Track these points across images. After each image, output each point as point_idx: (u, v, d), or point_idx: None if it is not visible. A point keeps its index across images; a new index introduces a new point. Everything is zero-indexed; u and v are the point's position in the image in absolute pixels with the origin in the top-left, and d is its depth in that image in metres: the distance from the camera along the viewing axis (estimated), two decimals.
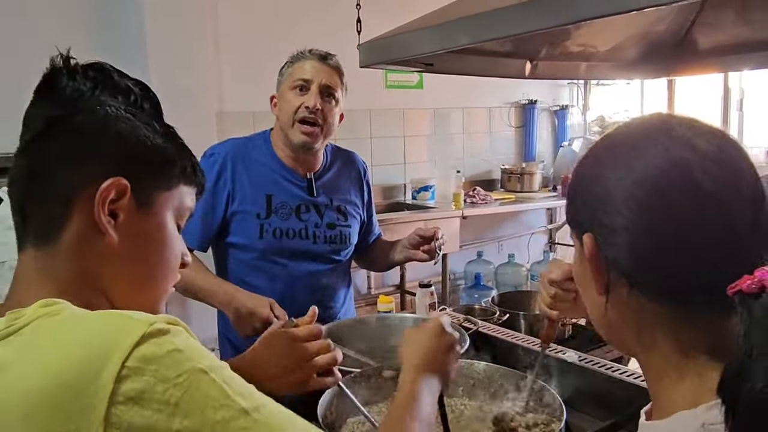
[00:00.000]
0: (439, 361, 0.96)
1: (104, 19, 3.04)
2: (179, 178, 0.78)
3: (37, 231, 0.72)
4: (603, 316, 0.68)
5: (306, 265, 1.72)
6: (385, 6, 2.96)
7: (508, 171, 4.59)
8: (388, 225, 3.31)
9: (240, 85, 3.40)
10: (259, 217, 1.68)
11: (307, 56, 1.69)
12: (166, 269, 0.78)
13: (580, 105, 5.23)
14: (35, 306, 0.65)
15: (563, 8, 1.16)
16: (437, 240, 1.70)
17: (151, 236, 0.76)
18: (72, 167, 0.71)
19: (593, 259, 0.65)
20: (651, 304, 0.63)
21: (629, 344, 0.69)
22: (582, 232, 0.67)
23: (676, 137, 0.63)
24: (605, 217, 0.64)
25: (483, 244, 4.44)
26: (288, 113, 1.66)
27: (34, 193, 0.72)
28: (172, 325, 0.62)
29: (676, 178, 0.61)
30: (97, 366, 0.57)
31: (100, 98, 0.75)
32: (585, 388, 1.36)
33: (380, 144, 4.17)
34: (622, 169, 0.64)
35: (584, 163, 0.70)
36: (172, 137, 0.80)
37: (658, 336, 0.64)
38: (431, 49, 1.54)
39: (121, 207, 0.72)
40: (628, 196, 0.62)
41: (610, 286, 0.65)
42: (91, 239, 0.71)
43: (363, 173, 1.89)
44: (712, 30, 2.03)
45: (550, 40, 1.92)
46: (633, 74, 2.47)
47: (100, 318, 0.64)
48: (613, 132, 0.71)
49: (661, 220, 0.61)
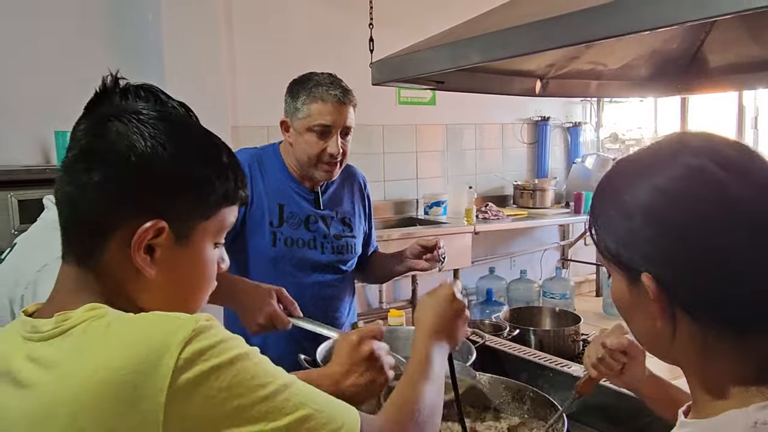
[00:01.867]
0: (449, 326, 1.01)
1: (123, 35, 3.11)
2: (220, 204, 0.78)
3: (77, 253, 0.74)
4: (661, 346, 0.68)
5: (314, 276, 1.74)
6: (397, 25, 3.01)
7: (521, 187, 4.60)
8: (399, 240, 3.33)
9: (254, 100, 3.46)
10: (272, 225, 1.71)
11: (326, 97, 1.64)
12: (199, 293, 0.81)
13: (593, 122, 5.24)
14: (82, 309, 0.69)
15: (573, 28, 1.18)
16: (439, 249, 1.72)
17: (188, 268, 0.77)
18: (112, 202, 0.71)
19: (658, 299, 0.64)
20: (714, 331, 0.63)
21: (684, 365, 0.69)
22: (634, 270, 0.66)
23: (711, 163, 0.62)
24: (658, 252, 0.63)
25: (495, 260, 4.44)
26: (309, 155, 1.68)
27: (74, 220, 0.74)
28: (210, 321, 0.68)
29: (723, 210, 0.61)
30: (154, 360, 0.62)
31: (132, 122, 0.74)
32: (590, 402, 1.37)
33: (393, 159, 4.20)
34: (670, 206, 0.63)
35: (620, 199, 0.67)
36: (213, 159, 0.78)
37: (720, 360, 0.64)
38: (443, 68, 1.56)
39: (158, 243, 0.73)
40: (679, 227, 0.62)
41: (676, 321, 0.65)
42: (128, 270, 0.73)
43: (363, 186, 1.93)
44: (723, 49, 2.04)
45: (561, 59, 1.95)
46: (644, 92, 2.49)
47: (150, 318, 0.68)
48: (644, 157, 0.69)
49: (713, 247, 0.61)
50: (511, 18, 1.43)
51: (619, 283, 0.69)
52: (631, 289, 0.67)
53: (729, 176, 0.61)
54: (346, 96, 1.66)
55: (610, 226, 0.68)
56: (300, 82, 1.70)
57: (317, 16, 3.72)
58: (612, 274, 0.71)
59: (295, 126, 1.69)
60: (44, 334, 0.69)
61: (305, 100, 1.66)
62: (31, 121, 2.89)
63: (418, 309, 1.03)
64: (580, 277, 5.09)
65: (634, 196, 0.65)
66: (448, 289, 1.04)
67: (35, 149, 2.94)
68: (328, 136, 1.66)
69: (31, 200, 2.49)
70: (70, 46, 2.98)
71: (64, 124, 3.01)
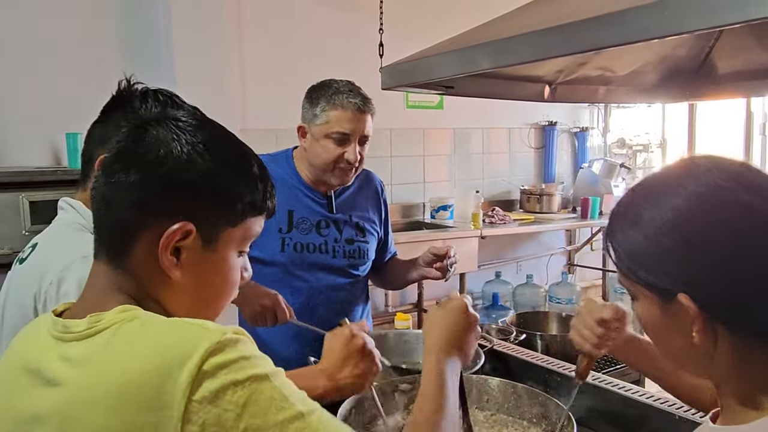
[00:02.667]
0: (461, 340, 0.98)
1: (134, 38, 3.14)
2: (247, 213, 0.80)
3: (109, 251, 0.76)
4: (693, 360, 0.69)
5: (326, 279, 1.75)
6: (407, 30, 3.02)
7: (528, 192, 4.60)
8: (406, 244, 3.34)
9: (264, 104, 3.48)
10: (281, 231, 1.72)
11: (346, 105, 1.64)
12: (222, 298, 0.82)
13: (600, 127, 5.24)
14: (114, 311, 0.70)
15: (582, 35, 1.19)
16: (449, 258, 1.73)
17: (213, 272, 0.79)
18: (142, 206, 0.74)
19: (699, 318, 0.65)
20: (751, 343, 0.65)
21: (714, 376, 0.70)
22: (669, 292, 0.67)
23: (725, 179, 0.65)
24: (694, 273, 0.65)
25: (501, 265, 4.44)
26: (326, 161, 1.68)
27: (106, 217, 0.76)
28: (239, 335, 0.69)
29: (749, 226, 0.64)
30: (177, 367, 0.63)
31: (171, 129, 0.76)
32: (599, 408, 1.37)
33: (400, 163, 4.22)
34: (697, 227, 0.65)
35: (644, 223, 0.69)
36: (242, 169, 0.80)
37: (758, 370, 0.66)
38: (452, 73, 1.58)
39: (185, 246, 0.75)
40: (713, 248, 0.64)
41: (717, 337, 0.66)
42: (154, 270, 0.75)
43: (380, 191, 1.93)
44: (732, 56, 2.04)
45: (570, 65, 1.96)
46: (652, 98, 2.49)
47: (178, 325, 0.69)
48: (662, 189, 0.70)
49: (746, 264, 0.63)
50: (520, 25, 1.44)
51: (650, 305, 0.70)
52: (665, 309, 0.68)
53: (749, 193, 0.64)
54: (366, 104, 1.67)
55: (637, 250, 0.69)
56: (319, 88, 1.70)
57: (327, 20, 3.74)
58: (639, 297, 0.72)
59: (312, 132, 1.69)
60: (77, 335, 0.71)
61: (325, 107, 1.66)
62: (42, 123, 2.92)
63: (428, 320, 1.01)
64: (587, 282, 5.08)
65: (659, 219, 0.67)
66: (460, 301, 1.01)
67: (47, 151, 2.97)
68: (346, 143, 1.66)
69: (43, 201, 2.51)
70: (82, 50, 3.01)
71: (76, 126, 3.07)
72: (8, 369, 0.76)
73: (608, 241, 0.73)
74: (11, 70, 2.85)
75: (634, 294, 0.73)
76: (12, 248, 2.46)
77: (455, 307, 1.00)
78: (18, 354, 0.77)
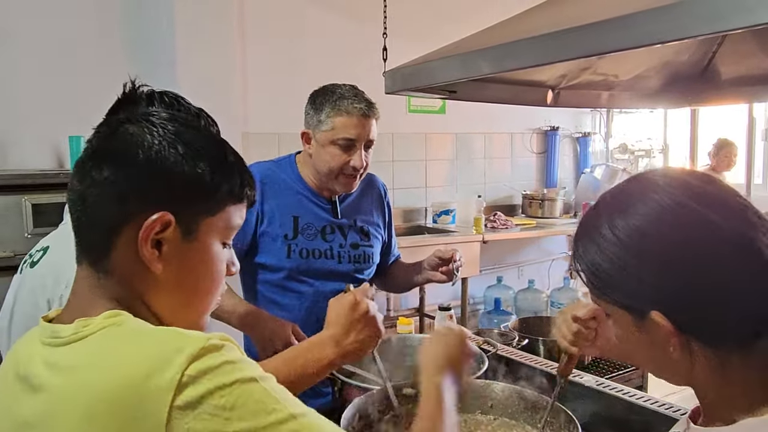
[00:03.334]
0: (457, 369, 0.99)
1: (136, 42, 3.15)
2: (225, 201, 0.79)
3: (89, 252, 0.75)
4: (672, 371, 0.71)
5: (331, 284, 1.75)
6: (410, 34, 3.03)
7: (530, 197, 4.60)
8: (408, 248, 3.34)
9: (265, 107, 3.48)
10: (287, 238, 1.71)
11: (352, 110, 1.63)
12: (208, 291, 0.81)
13: (602, 132, 5.24)
14: (102, 316, 0.70)
15: (585, 40, 1.18)
16: (455, 262, 1.72)
17: (195, 262, 0.77)
18: (115, 202, 0.73)
19: (673, 334, 0.66)
20: (725, 355, 0.66)
21: (696, 384, 0.71)
22: (642, 311, 0.68)
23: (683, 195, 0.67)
24: (662, 292, 0.66)
25: (503, 269, 4.44)
26: (331, 167, 1.67)
27: (84, 218, 0.75)
28: (225, 341, 0.67)
29: (708, 239, 0.65)
30: (158, 373, 0.62)
31: (142, 122, 0.76)
32: (602, 413, 1.37)
33: (402, 167, 4.22)
34: (660, 245, 0.66)
35: (608, 245, 0.70)
36: (218, 157, 0.79)
37: (733, 382, 0.67)
38: (455, 78, 1.58)
39: (165, 238, 0.73)
40: (679, 265, 0.65)
41: (691, 349, 0.67)
42: (137, 266, 0.73)
43: (383, 194, 1.93)
44: (735, 61, 2.05)
45: (573, 70, 1.96)
46: (655, 104, 2.49)
47: (162, 333, 0.69)
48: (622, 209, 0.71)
49: (712, 276, 0.65)
50: (523, 29, 1.45)
51: (624, 323, 0.71)
52: (640, 327, 0.69)
53: (705, 207, 0.65)
54: (370, 109, 1.66)
55: (604, 271, 0.70)
56: (323, 93, 1.69)
57: (330, 24, 3.75)
58: (613, 315, 0.73)
59: (317, 138, 1.68)
60: (63, 339, 0.70)
61: (329, 113, 1.64)
62: (45, 126, 2.93)
63: (426, 348, 1.03)
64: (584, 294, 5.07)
65: (622, 240, 0.68)
66: (459, 334, 1.04)
67: (49, 154, 2.98)
68: (352, 149, 1.65)
69: (45, 204, 2.52)
70: (85, 53, 3.02)
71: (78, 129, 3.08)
72: (6, 374, 0.76)
73: (575, 263, 0.74)
74: (14, 73, 2.86)
75: (607, 312, 0.74)
76: (14, 251, 2.46)
77: (454, 339, 1.03)
78: (14, 359, 0.77)
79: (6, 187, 2.49)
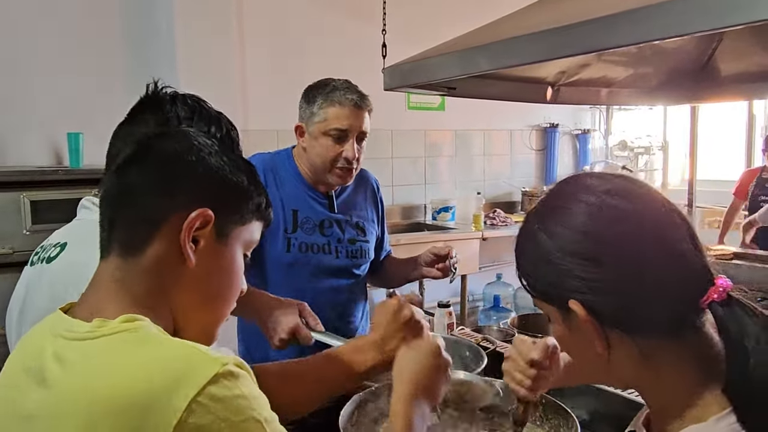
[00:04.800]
0: (431, 386, 0.96)
1: (136, 39, 3.14)
2: (253, 214, 0.84)
3: (123, 244, 0.77)
4: (606, 371, 0.72)
5: (329, 281, 1.75)
6: (409, 31, 3.02)
7: (529, 193, 4.60)
8: (407, 245, 3.34)
9: (265, 104, 3.48)
10: (287, 231, 1.72)
11: (343, 101, 1.64)
12: (228, 296, 0.83)
13: (602, 129, 5.23)
14: (120, 319, 0.70)
15: (584, 37, 1.18)
16: (451, 258, 1.72)
17: (223, 265, 0.80)
18: (163, 195, 0.76)
19: (588, 323, 0.68)
20: (649, 344, 0.68)
21: (634, 383, 0.74)
22: (563, 301, 0.70)
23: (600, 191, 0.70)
24: (579, 281, 0.68)
25: (502, 266, 4.43)
26: (324, 159, 1.68)
27: (124, 213, 0.77)
28: (240, 368, 0.67)
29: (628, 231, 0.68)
30: (170, 393, 0.62)
31: (191, 129, 0.82)
32: (601, 410, 1.37)
33: (402, 164, 4.22)
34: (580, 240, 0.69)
35: (536, 241, 0.73)
36: (251, 173, 0.85)
37: (663, 370, 0.69)
38: (454, 74, 1.57)
39: (202, 235, 0.77)
40: (591, 255, 0.68)
41: (609, 340, 0.69)
42: (171, 260, 0.76)
43: (376, 189, 1.93)
44: (734, 58, 2.05)
45: (572, 67, 1.96)
46: (655, 100, 2.49)
47: (178, 347, 0.68)
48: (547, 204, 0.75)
49: (623, 265, 0.67)
50: (522, 26, 1.44)
51: (554, 317, 0.74)
52: (566, 320, 0.72)
53: (624, 202, 0.69)
54: (362, 101, 1.66)
55: (534, 268, 0.74)
56: (316, 87, 1.70)
57: (330, 21, 3.74)
58: (550, 317, 0.75)
59: (310, 130, 1.69)
60: (77, 335, 0.70)
61: (322, 104, 1.66)
62: (43, 123, 2.92)
63: (398, 361, 0.99)
64: None
65: (548, 239, 0.72)
66: (432, 344, 0.99)
67: (48, 151, 2.97)
68: (344, 140, 1.66)
69: (43, 201, 2.52)
70: (84, 50, 3.01)
71: (77, 126, 3.08)
72: (13, 367, 0.76)
73: (517, 266, 0.77)
74: (12, 70, 2.86)
75: (546, 314, 0.76)
76: (12, 248, 2.46)
77: (427, 351, 0.98)
78: (21, 352, 0.77)
79: (5, 184, 2.48)
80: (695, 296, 0.65)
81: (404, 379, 0.95)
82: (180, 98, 1.01)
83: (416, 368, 0.96)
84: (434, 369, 0.97)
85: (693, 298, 0.66)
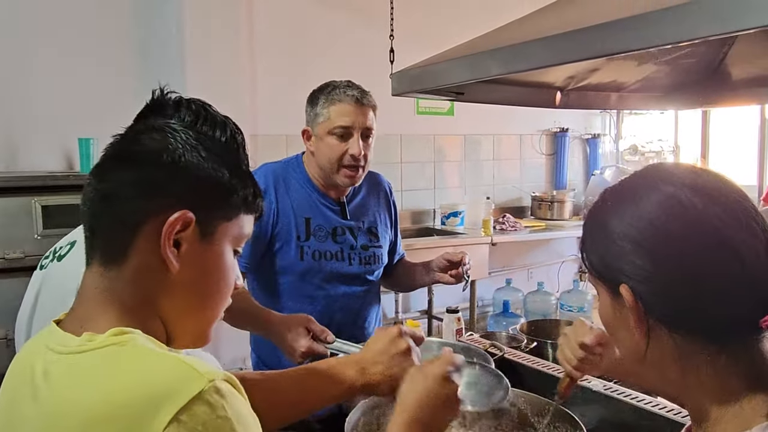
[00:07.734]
0: (434, 415, 0.92)
1: (146, 45, 3.16)
2: (240, 208, 0.80)
3: (104, 251, 0.75)
4: (640, 363, 0.71)
5: (342, 288, 1.75)
6: (417, 36, 3.02)
7: (539, 198, 4.58)
8: (417, 250, 3.33)
9: (274, 109, 3.49)
10: (299, 239, 1.72)
11: (344, 98, 1.66)
12: (219, 297, 0.80)
13: (612, 133, 5.21)
14: (108, 334, 0.69)
15: (593, 42, 1.18)
16: (464, 265, 1.72)
17: (210, 266, 0.78)
18: (142, 197, 0.73)
19: (634, 310, 0.67)
20: (692, 345, 0.66)
21: (670, 385, 0.72)
22: (615, 284, 0.69)
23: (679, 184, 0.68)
24: (635, 267, 0.67)
25: (512, 272, 4.42)
26: (330, 159, 1.68)
27: (103, 216, 0.75)
28: (229, 384, 0.65)
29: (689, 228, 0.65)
30: (154, 407, 0.60)
31: (170, 123, 0.79)
32: (610, 418, 1.35)
33: (411, 169, 4.21)
34: (644, 227, 0.67)
35: (603, 222, 0.72)
36: (235, 166, 0.81)
37: (702, 374, 0.67)
38: (462, 79, 1.57)
39: (184, 237, 0.74)
40: (652, 245, 0.66)
41: (650, 332, 0.68)
42: (154, 266, 0.73)
43: (389, 193, 1.93)
44: (746, 61, 2.02)
45: (581, 71, 1.94)
46: (665, 105, 2.47)
47: (165, 361, 0.67)
48: (625, 184, 0.74)
49: (682, 264, 0.65)
50: (531, 31, 1.44)
51: (604, 298, 0.74)
52: (614, 303, 0.71)
53: (695, 199, 0.66)
54: (364, 96, 1.68)
55: (595, 245, 0.73)
56: (319, 90, 1.72)
57: (338, 26, 3.75)
58: (598, 291, 0.75)
59: (316, 132, 1.70)
60: (67, 349, 0.69)
61: (324, 104, 1.68)
62: (54, 128, 2.95)
63: (407, 382, 0.95)
64: None
65: (614, 219, 0.70)
66: (441, 369, 0.94)
67: (59, 156, 3.00)
68: (349, 137, 1.66)
69: (55, 206, 2.53)
70: (95, 55, 3.04)
71: (88, 131, 3.10)
72: (14, 375, 0.76)
73: (580, 245, 0.76)
74: (24, 76, 2.88)
75: (598, 292, 0.75)
76: (24, 252, 2.48)
77: (435, 376, 0.93)
78: (20, 364, 0.76)
79: (16, 189, 2.50)
80: (756, 317, 0.62)
81: (406, 405, 0.91)
82: (185, 103, 1.01)
83: (420, 396, 0.91)
84: (440, 399, 0.92)
85: (753, 318, 0.63)
